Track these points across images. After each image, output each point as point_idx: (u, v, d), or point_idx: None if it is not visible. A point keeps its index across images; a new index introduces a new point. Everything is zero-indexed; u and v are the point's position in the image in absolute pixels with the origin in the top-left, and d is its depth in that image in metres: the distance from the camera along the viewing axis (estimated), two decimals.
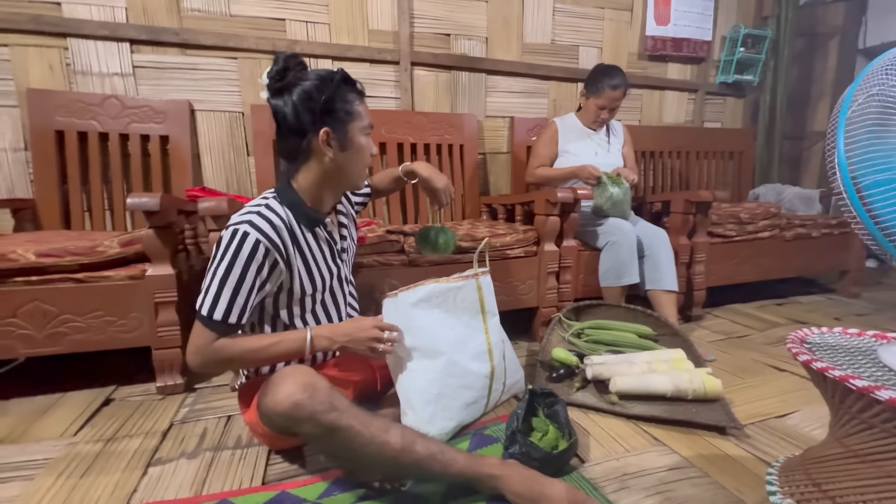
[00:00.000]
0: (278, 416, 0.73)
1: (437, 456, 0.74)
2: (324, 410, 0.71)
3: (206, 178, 1.74)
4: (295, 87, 0.82)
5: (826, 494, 0.73)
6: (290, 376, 0.74)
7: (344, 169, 0.89)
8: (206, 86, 1.69)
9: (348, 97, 0.85)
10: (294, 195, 0.89)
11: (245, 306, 0.81)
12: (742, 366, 1.41)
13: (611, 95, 1.68)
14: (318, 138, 0.83)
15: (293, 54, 0.85)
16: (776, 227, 2.01)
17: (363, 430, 0.72)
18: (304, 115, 0.82)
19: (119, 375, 1.31)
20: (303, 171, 0.89)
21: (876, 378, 0.67)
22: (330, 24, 1.81)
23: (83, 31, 1.52)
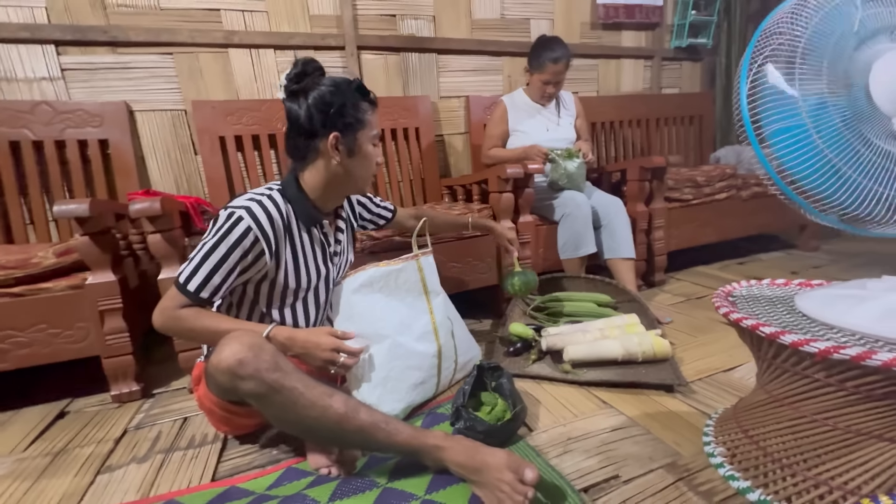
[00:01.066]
0: (222, 373, 0.73)
1: (381, 425, 0.76)
2: (268, 369, 0.72)
3: (154, 181, 1.70)
4: (311, 90, 0.85)
5: (752, 440, 0.75)
6: (237, 337, 0.75)
7: (349, 174, 0.92)
8: (142, 84, 1.63)
9: (361, 105, 0.89)
10: (298, 191, 0.91)
11: (220, 286, 0.83)
12: (697, 325, 1.45)
13: (553, 69, 1.66)
14: (328, 142, 0.86)
15: (311, 60, 0.88)
16: (733, 188, 2.04)
17: (306, 392, 0.73)
18: (316, 118, 0.85)
19: (74, 387, 1.29)
20: (309, 171, 0.91)
21: (786, 324, 0.69)
22: (268, 12, 1.75)
23: (1, 35, 1.45)
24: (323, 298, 1.00)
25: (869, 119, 0.64)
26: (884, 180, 0.64)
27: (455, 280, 1.54)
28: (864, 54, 0.65)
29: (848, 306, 0.66)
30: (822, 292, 0.74)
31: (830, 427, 0.65)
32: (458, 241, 1.53)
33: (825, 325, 0.67)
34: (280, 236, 0.87)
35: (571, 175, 1.65)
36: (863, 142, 0.63)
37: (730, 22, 2.57)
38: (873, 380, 0.58)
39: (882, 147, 0.64)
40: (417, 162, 1.98)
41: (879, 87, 0.64)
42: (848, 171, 0.63)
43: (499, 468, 0.72)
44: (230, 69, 1.73)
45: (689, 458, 0.83)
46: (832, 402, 0.64)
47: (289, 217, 0.90)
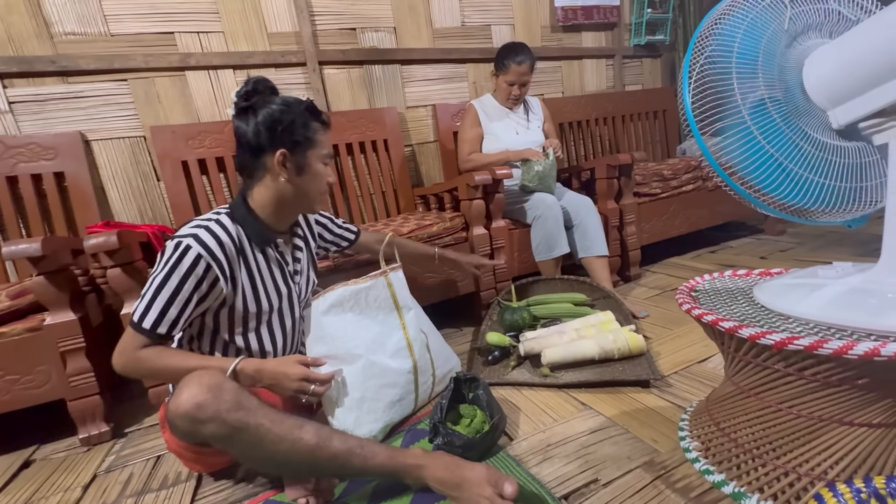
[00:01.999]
0: (181, 418, 0.70)
1: (356, 450, 0.74)
2: (229, 409, 0.70)
3: (116, 211, 1.65)
4: (261, 108, 0.85)
5: (723, 432, 0.77)
6: (195, 378, 0.72)
7: (299, 192, 0.91)
8: (96, 113, 1.58)
9: (311, 125, 0.89)
10: (247, 212, 0.90)
11: (178, 319, 0.81)
12: (672, 317, 1.47)
13: (517, 70, 1.69)
14: (275, 158, 0.86)
15: (263, 78, 0.88)
16: (698, 179, 2.09)
17: (273, 428, 0.71)
18: (263, 135, 0.85)
19: (40, 433, 1.24)
20: (258, 189, 0.90)
21: (745, 317, 0.71)
22: (224, 32, 1.73)
23: None
24: (289, 321, 0.98)
25: (806, 114, 0.66)
26: (825, 171, 0.66)
27: (432, 290, 1.53)
28: (797, 51, 0.67)
29: (801, 295, 0.68)
30: (777, 282, 0.76)
31: (794, 415, 0.66)
32: None
33: (781, 316, 0.69)
34: (233, 260, 0.86)
35: (542, 176, 1.66)
36: (802, 136, 0.65)
37: (684, 18, 2.65)
38: (827, 367, 0.59)
39: (821, 140, 0.66)
40: (388, 173, 1.98)
41: (813, 82, 0.66)
42: (791, 165, 0.65)
43: (479, 483, 0.71)
44: (188, 92, 1.69)
45: (666, 454, 0.83)
46: (793, 391, 0.65)
47: (240, 239, 0.88)
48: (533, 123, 1.86)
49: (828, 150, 0.66)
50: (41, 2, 1.48)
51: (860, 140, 0.66)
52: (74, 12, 1.52)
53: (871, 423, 0.62)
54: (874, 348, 0.53)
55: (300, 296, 1.02)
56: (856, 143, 0.66)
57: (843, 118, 0.64)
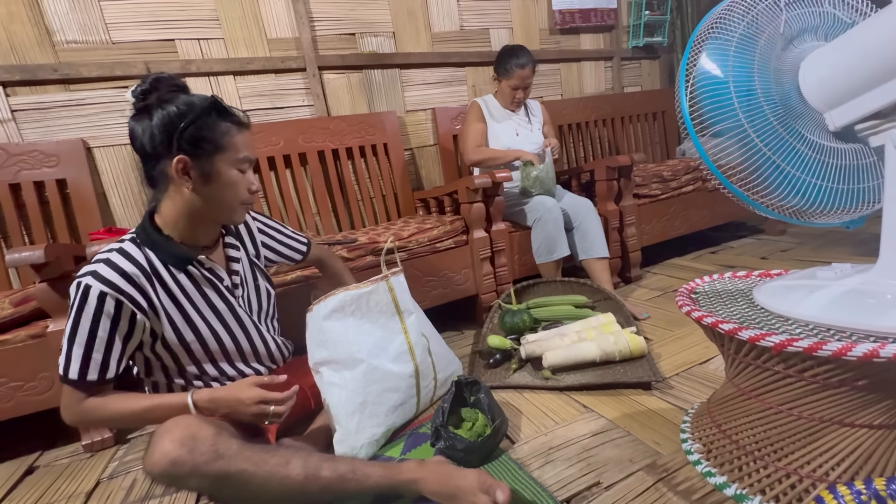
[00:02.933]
0: (159, 476, 0.66)
1: (348, 475, 0.73)
2: (207, 461, 0.66)
3: (118, 217, 1.65)
4: (157, 109, 0.76)
5: (725, 434, 0.77)
6: (167, 432, 0.67)
7: (210, 202, 0.81)
8: (98, 120, 1.60)
9: (218, 126, 0.79)
10: (155, 233, 0.81)
11: (106, 361, 0.76)
12: (673, 319, 1.47)
13: (520, 74, 1.71)
14: (172, 166, 0.76)
15: (167, 77, 0.79)
16: (698, 180, 2.09)
17: (258, 471, 0.69)
18: (158, 140, 0.75)
19: (44, 439, 1.24)
20: (165, 202, 0.82)
21: (745, 319, 0.71)
22: (225, 39, 1.74)
23: None
24: (245, 340, 0.92)
25: (802, 116, 0.66)
26: (822, 173, 0.66)
27: (433, 294, 1.53)
28: (792, 54, 0.68)
29: (800, 297, 0.68)
30: (776, 284, 0.76)
31: (795, 416, 0.66)
32: (432, 254, 1.53)
33: (781, 318, 0.69)
34: (146, 289, 0.78)
35: (541, 179, 1.67)
36: (798, 138, 0.66)
37: (682, 19, 2.66)
38: (827, 369, 0.59)
39: (817, 142, 0.66)
40: (388, 177, 1.98)
41: (809, 84, 0.67)
42: (787, 167, 0.65)
43: (472, 491, 0.72)
44: None
45: (668, 456, 0.83)
46: (794, 393, 0.65)
47: (151, 265, 0.80)
48: (535, 125, 1.87)
49: (824, 151, 0.66)
50: (43, 10, 1.49)
51: (857, 142, 0.66)
52: (76, 21, 1.53)
53: (872, 425, 0.62)
54: (873, 349, 0.54)
55: (251, 310, 0.96)
56: (852, 145, 0.67)
57: (839, 120, 0.64)
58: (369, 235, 1.49)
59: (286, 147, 1.80)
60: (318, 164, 1.85)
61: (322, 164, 1.86)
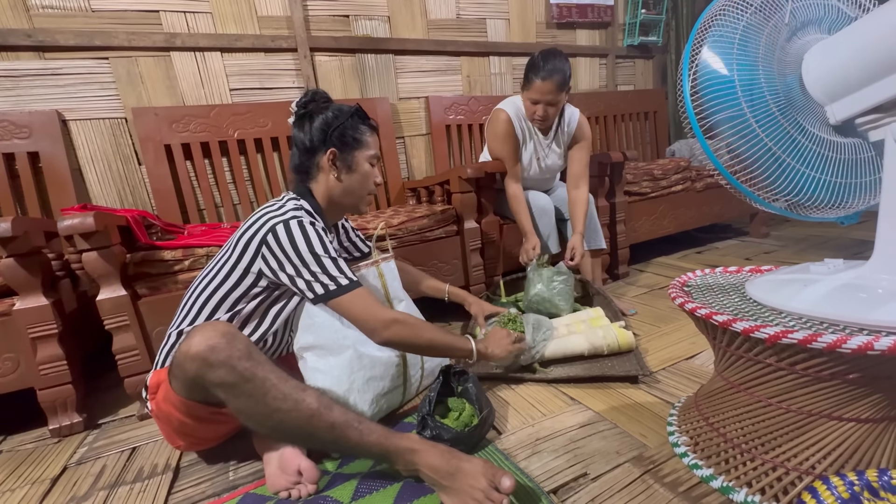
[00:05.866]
0: (192, 360, 0.71)
1: (354, 423, 0.74)
2: (240, 357, 0.71)
3: (94, 194, 1.59)
4: (317, 114, 0.94)
5: (712, 427, 0.76)
6: (209, 325, 0.74)
7: (347, 189, 0.98)
8: (75, 92, 1.52)
9: (360, 128, 0.97)
10: (315, 203, 0.97)
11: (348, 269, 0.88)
12: (660, 315, 1.48)
13: (538, 87, 1.38)
14: (325, 157, 0.94)
15: (320, 91, 0.98)
16: (688, 180, 2.11)
17: (279, 384, 0.72)
18: (317, 136, 0.94)
19: (7, 423, 1.18)
20: (313, 187, 0.98)
21: (738, 311, 0.70)
22: (213, 13, 1.67)
23: None
24: None
25: (804, 108, 0.66)
26: (821, 166, 0.66)
27: None
28: (796, 45, 0.67)
29: (794, 291, 0.68)
30: (769, 278, 0.76)
31: (784, 409, 0.66)
32: (422, 243, 1.50)
33: (774, 310, 0.69)
34: None
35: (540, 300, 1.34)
36: (799, 129, 0.65)
37: (677, 20, 2.67)
38: (819, 361, 0.59)
39: (817, 135, 0.66)
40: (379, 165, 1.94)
41: (812, 76, 0.66)
42: (787, 158, 0.65)
43: (474, 475, 0.70)
44: (173, 73, 1.64)
45: (654, 449, 0.83)
46: (784, 386, 0.65)
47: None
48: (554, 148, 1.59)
49: (824, 144, 0.66)
50: None
51: (856, 136, 0.66)
52: None
53: (860, 419, 0.62)
54: (867, 342, 0.53)
55: None
56: (852, 140, 0.66)
57: (840, 113, 0.64)
58: (357, 222, 1.45)
59: (274, 129, 1.75)
60: None
61: None
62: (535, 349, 1.14)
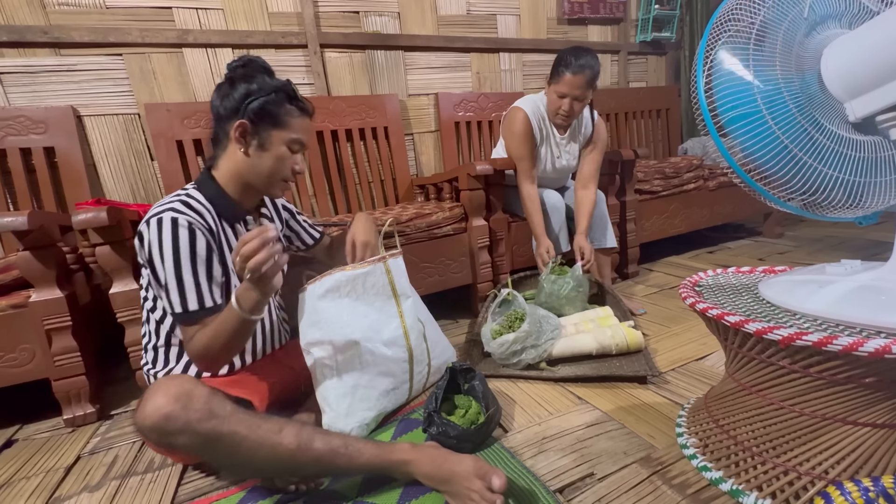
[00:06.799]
0: (149, 430, 0.66)
1: (340, 450, 0.72)
2: (200, 419, 0.65)
3: (108, 189, 1.61)
4: (241, 81, 0.85)
5: (723, 429, 0.75)
6: (162, 387, 0.67)
7: (255, 168, 0.88)
8: (90, 88, 1.54)
9: (284, 106, 0.86)
10: (215, 186, 0.88)
11: (212, 287, 0.81)
12: (670, 315, 1.46)
13: (568, 80, 1.37)
14: (234, 128, 0.84)
15: (260, 60, 0.89)
16: (700, 179, 2.08)
17: (250, 434, 0.68)
18: (231, 103, 0.84)
19: (25, 413, 1.21)
20: (222, 160, 0.89)
21: (751, 312, 0.69)
22: (224, 10, 1.68)
23: None
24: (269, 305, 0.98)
25: (822, 105, 0.64)
26: (838, 165, 0.64)
27: (429, 280, 1.51)
28: (815, 40, 0.65)
29: (809, 292, 0.66)
30: (784, 279, 0.75)
31: (797, 413, 0.65)
32: (430, 240, 1.50)
33: (788, 312, 0.67)
34: (211, 227, 0.85)
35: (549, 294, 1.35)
36: (817, 127, 0.64)
37: (691, 16, 2.63)
38: (835, 364, 0.58)
39: (836, 132, 0.64)
40: (388, 161, 1.95)
41: (831, 72, 0.64)
42: (804, 156, 0.63)
43: (467, 477, 0.70)
44: (185, 70, 1.65)
45: (662, 450, 0.82)
46: (797, 389, 0.64)
47: (212, 212, 0.87)
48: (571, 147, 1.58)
49: (843, 142, 0.64)
50: None
51: (876, 134, 0.64)
52: None
53: (875, 424, 0.61)
54: (885, 346, 0.52)
55: None
56: (871, 138, 0.65)
57: (860, 111, 0.62)
58: None
59: None
60: (317, 145, 1.81)
61: (321, 145, 1.82)
62: (540, 347, 1.14)
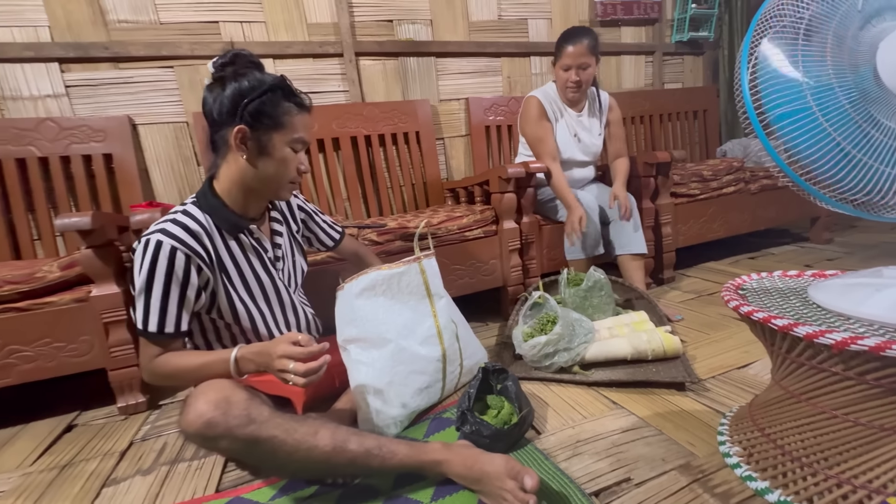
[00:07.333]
0: (192, 436, 0.69)
1: (374, 451, 0.73)
2: (240, 425, 0.67)
3: (158, 193, 1.71)
4: (231, 81, 0.80)
5: (769, 438, 0.72)
6: (202, 394, 0.70)
7: (261, 175, 0.85)
8: (144, 98, 1.65)
9: (281, 105, 0.82)
10: (214, 199, 0.86)
11: (180, 314, 0.81)
12: (709, 322, 1.41)
13: (570, 52, 1.51)
14: (232, 135, 0.80)
15: (246, 54, 0.83)
16: (741, 181, 2.00)
17: (287, 438, 0.70)
18: (225, 108, 0.80)
19: (83, 400, 1.30)
20: (223, 169, 0.86)
21: (799, 316, 0.66)
22: (266, 22, 1.77)
23: (7, 55, 1.48)
24: (280, 313, 0.95)
25: (877, 100, 0.61)
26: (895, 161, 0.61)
27: (459, 283, 1.52)
28: (870, 33, 0.63)
29: (864, 295, 0.63)
30: (836, 282, 0.71)
31: (852, 423, 0.62)
32: (461, 242, 1.51)
33: (841, 316, 0.64)
34: (206, 246, 0.83)
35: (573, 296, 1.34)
36: (872, 123, 0.61)
37: (731, 14, 2.54)
38: (894, 371, 0.55)
39: (893, 128, 0.61)
40: (419, 165, 1.98)
41: (888, 66, 0.61)
42: (858, 154, 0.61)
43: (499, 476, 0.70)
44: None
45: (703, 458, 0.80)
46: (852, 397, 0.61)
47: (210, 228, 0.85)
48: (593, 128, 1.67)
49: None
50: None
51: None
52: (128, 1, 1.59)
53: None
54: None
55: (288, 283, 0.99)
56: None
57: None
58: (398, 221, 1.48)
59: (320, 132, 1.82)
60: (351, 150, 1.86)
61: (354, 150, 1.88)
62: (573, 351, 1.13)
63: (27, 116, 1.53)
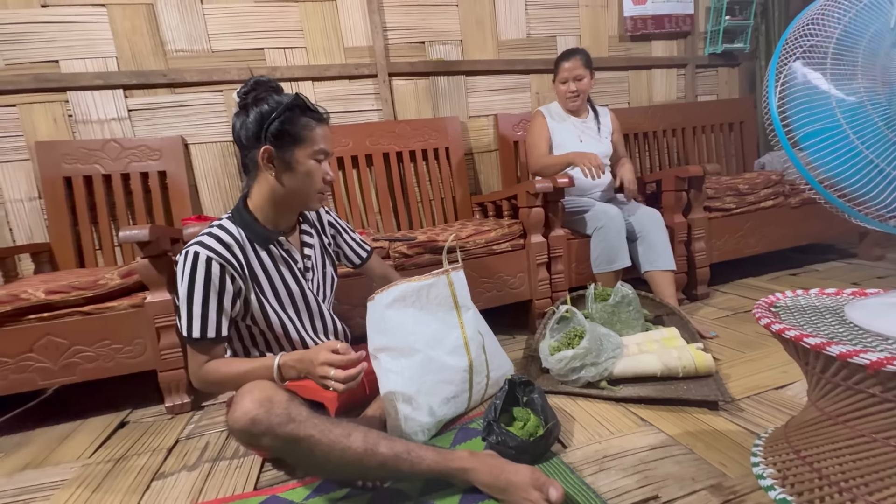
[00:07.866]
0: (238, 432, 0.75)
1: (403, 455, 0.76)
2: (280, 423, 0.72)
3: (205, 207, 1.83)
4: (253, 107, 0.88)
5: (805, 461, 0.70)
6: (248, 393, 0.76)
7: (290, 189, 0.92)
8: (196, 120, 1.79)
9: (299, 121, 0.89)
10: (246, 214, 0.94)
11: (220, 320, 0.88)
12: (745, 340, 1.37)
13: (566, 66, 1.70)
14: (259, 155, 0.88)
15: (265, 80, 0.91)
16: (780, 195, 1.94)
17: (323, 438, 0.74)
18: (251, 132, 0.88)
19: (135, 399, 1.40)
20: (255, 188, 0.94)
21: (834, 335, 0.65)
22: (307, 48, 1.88)
23: (80, 84, 1.65)
24: (309, 322, 1.01)
25: None
26: None
27: (487, 296, 1.54)
28: None
29: None
30: (875, 301, 0.69)
31: (892, 448, 0.60)
32: (488, 256, 1.54)
33: (879, 336, 0.63)
34: (239, 258, 0.89)
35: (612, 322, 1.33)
36: None
37: (767, 24, 2.49)
38: None
39: None
40: (448, 180, 2.03)
41: None
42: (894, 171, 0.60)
43: (524, 487, 0.72)
44: None
45: (735, 479, 0.78)
46: (892, 420, 0.59)
47: (243, 241, 0.91)
48: (603, 135, 1.81)
49: None
50: (159, 24, 1.71)
51: None
52: (184, 32, 1.74)
53: None
54: None
55: (317, 293, 1.04)
56: None
57: None
58: (428, 235, 1.53)
59: (354, 148, 1.90)
60: (383, 166, 1.94)
61: (386, 166, 1.95)
62: (601, 366, 1.12)
63: (94, 138, 1.69)
